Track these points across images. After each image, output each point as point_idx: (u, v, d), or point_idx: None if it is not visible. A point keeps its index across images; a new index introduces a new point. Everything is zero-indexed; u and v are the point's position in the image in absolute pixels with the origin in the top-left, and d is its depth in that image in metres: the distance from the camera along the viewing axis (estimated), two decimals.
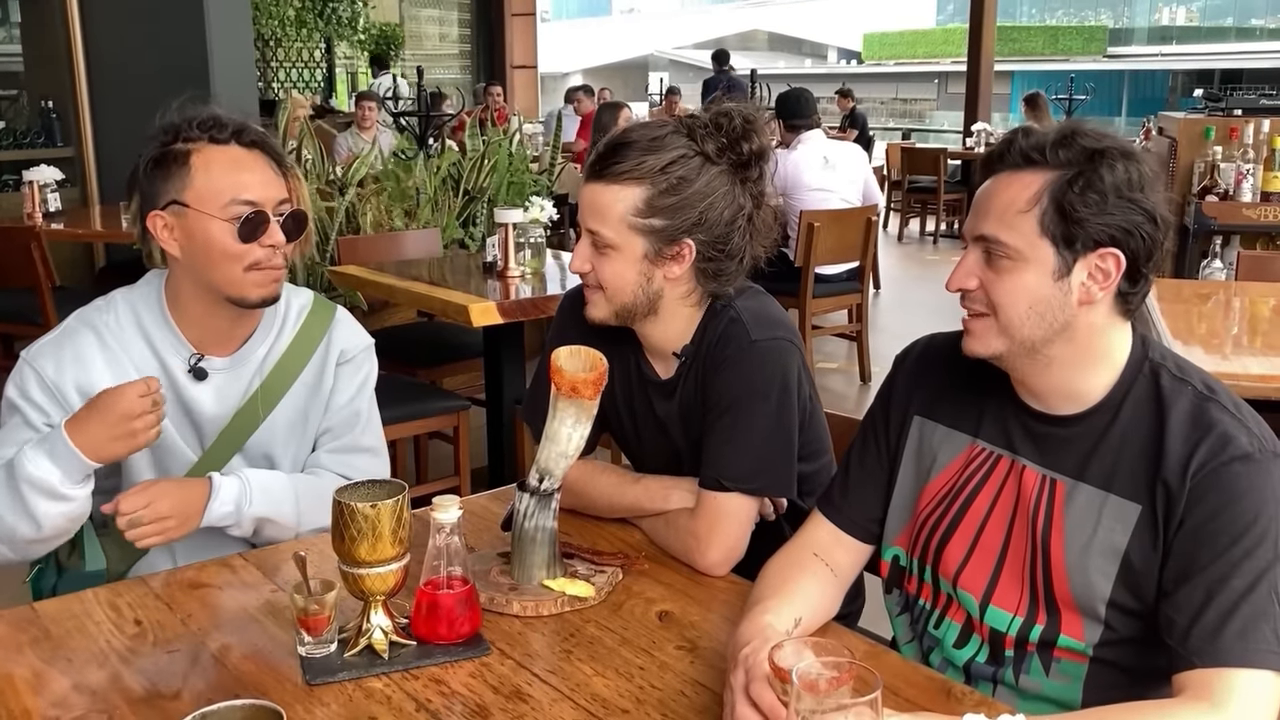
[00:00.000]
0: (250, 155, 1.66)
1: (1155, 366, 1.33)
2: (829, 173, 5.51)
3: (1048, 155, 1.28)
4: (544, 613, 1.48)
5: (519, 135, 6.06)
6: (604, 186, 1.60)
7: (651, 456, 1.83)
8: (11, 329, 4.87)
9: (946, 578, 1.44)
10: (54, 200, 5.34)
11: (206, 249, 1.63)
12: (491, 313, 3.18)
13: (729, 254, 1.64)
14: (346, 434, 1.81)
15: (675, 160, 1.58)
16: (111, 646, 1.39)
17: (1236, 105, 5.30)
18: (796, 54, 43.71)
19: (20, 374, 1.67)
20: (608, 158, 1.61)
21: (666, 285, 1.65)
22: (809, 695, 1.03)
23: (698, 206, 1.59)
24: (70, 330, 1.70)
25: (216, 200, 1.62)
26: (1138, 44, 37.91)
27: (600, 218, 1.61)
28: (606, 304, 1.67)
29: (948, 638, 1.45)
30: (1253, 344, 3.13)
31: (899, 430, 1.51)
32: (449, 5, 14.32)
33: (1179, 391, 1.30)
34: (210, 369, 1.71)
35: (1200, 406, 1.28)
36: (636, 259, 1.62)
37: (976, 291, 1.33)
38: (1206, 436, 1.25)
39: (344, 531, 1.32)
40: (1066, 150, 1.27)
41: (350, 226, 4.88)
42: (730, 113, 1.62)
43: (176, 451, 1.72)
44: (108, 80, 6.24)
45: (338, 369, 1.81)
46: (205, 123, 1.64)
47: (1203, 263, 4.42)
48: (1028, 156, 1.29)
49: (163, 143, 1.65)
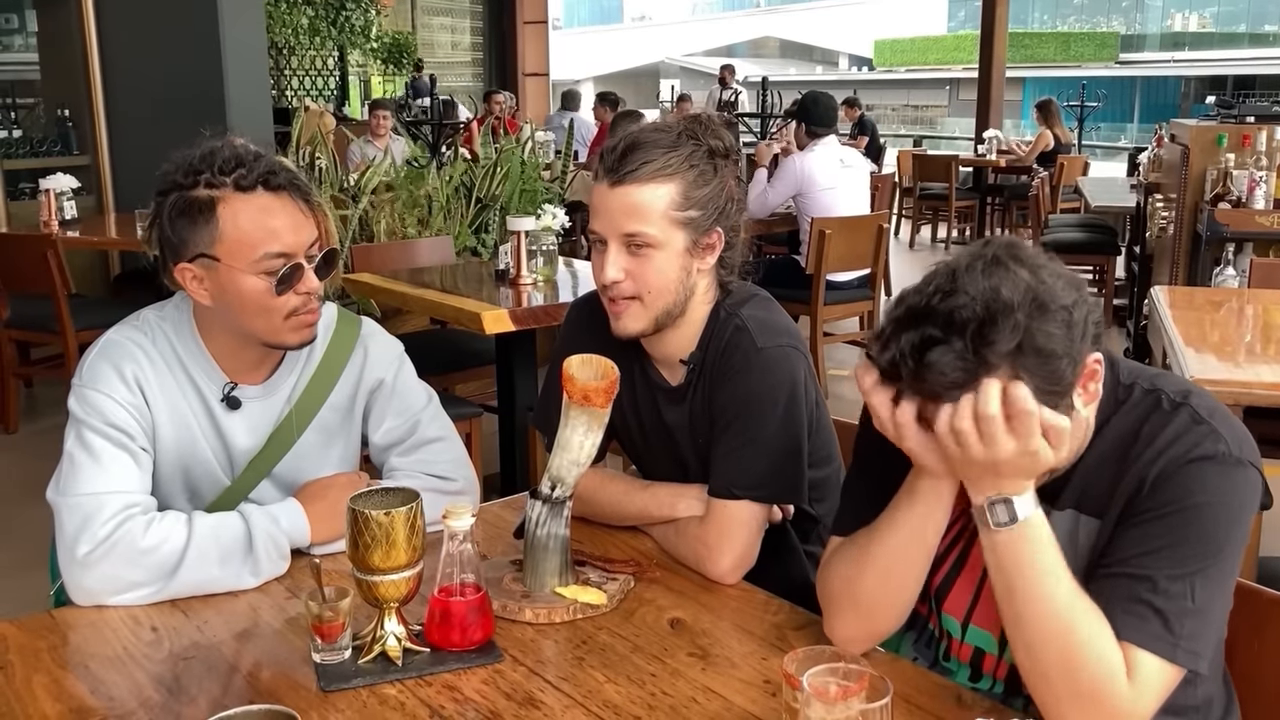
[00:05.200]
0: (278, 200, 1.61)
1: (1127, 388, 1.30)
2: (845, 172, 5.54)
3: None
4: (556, 620, 1.48)
5: (531, 143, 6.08)
6: (637, 187, 1.60)
7: (658, 463, 1.83)
8: (28, 336, 4.91)
9: (956, 618, 1.41)
10: (70, 208, 5.37)
11: (240, 302, 1.60)
12: (504, 320, 3.20)
13: (737, 241, 1.70)
14: (409, 437, 1.80)
15: (694, 154, 1.63)
16: (128, 653, 1.40)
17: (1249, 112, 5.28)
18: (808, 61, 43.73)
19: (82, 398, 1.61)
20: (630, 160, 1.60)
21: (699, 279, 1.68)
22: (819, 702, 1.03)
23: (721, 195, 1.65)
24: (113, 343, 1.66)
25: (248, 254, 1.58)
26: (1150, 50, 37.79)
27: (640, 218, 1.60)
28: (645, 312, 1.65)
29: (960, 675, 1.42)
30: (1265, 352, 3.12)
31: (903, 465, 1.48)
32: (461, 13, 14.38)
33: (1152, 403, 1.27)
34: (243, 398, 1.70)
35: (1173, 413, 1.26)
36: (679, 253, 1.63)
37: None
38: (1178, 438, 1.23)
39: (358, 539, 1.33)
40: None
41: (364, 234, 4.91)
42: (700, 116, 1.70)
43: (210, 477, 1.72)
44: (123, 89, 6.29)
45: (375, 396, 1.79)
46: (228, 165, 1.59)
47: (1215, 270, 4.41)
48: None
49: (184, 185, 1.59)
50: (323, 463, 1.76)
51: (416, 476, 1.73)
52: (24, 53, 7.34)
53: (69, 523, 1.54)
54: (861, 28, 40.94)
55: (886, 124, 27.26)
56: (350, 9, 11.82)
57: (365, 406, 1.80)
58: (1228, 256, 4.45)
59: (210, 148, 1.61)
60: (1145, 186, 6.44)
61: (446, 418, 1.85)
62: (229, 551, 1.56)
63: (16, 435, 4.88)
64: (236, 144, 1.63)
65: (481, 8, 14.35)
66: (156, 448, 1.66)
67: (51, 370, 4.96)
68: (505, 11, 13.97)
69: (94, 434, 1.59)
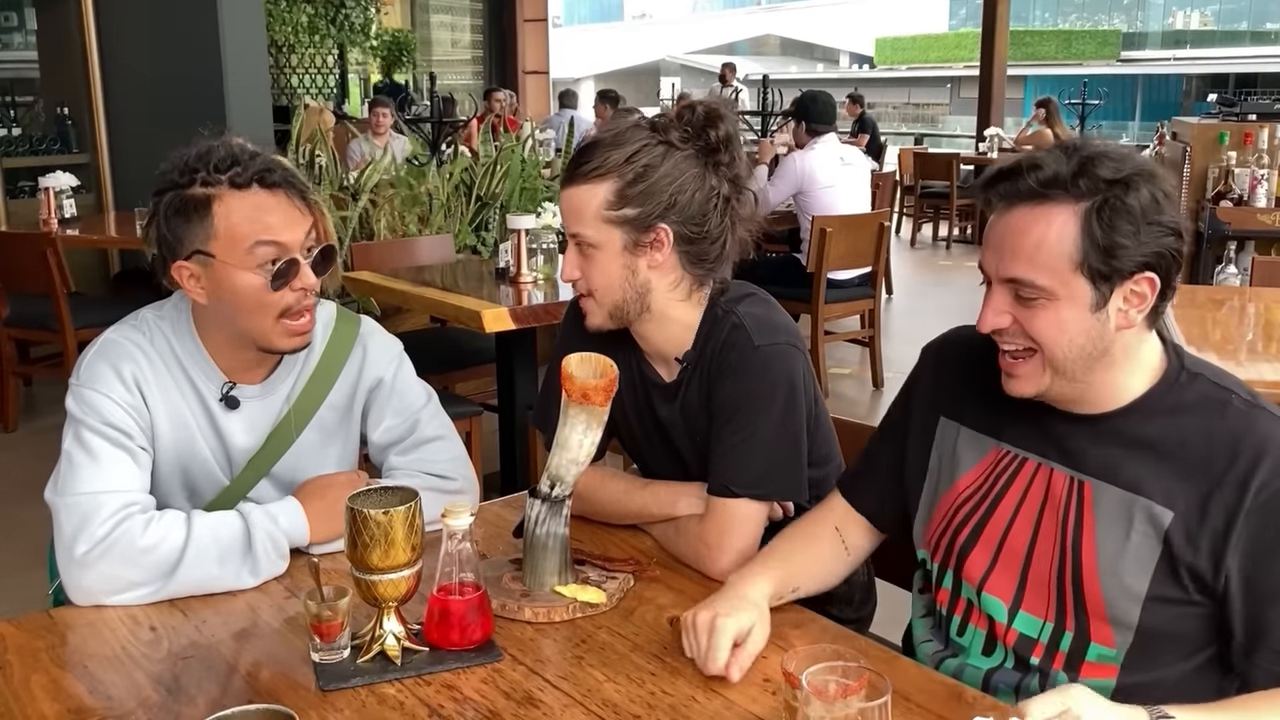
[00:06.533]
0: (274, 197, 1.60)
1: (1193, 374, 1.32)
2: (845, 170, 5.54)
3: (1069, 188, 1.24)
4: (556, 619, 1.48)
5: (531, 141, 6.08)
6: (576, 189, 1.64)
7: (656, 461, 1.84)
8: (28, 334, 4.91)
9: (971, 583, 1.43)
10: (69, 206, 5.37)
11: (235, 299, 1.60)
12: (504, 318, 3.19)
13: (708, 236, 1.66)
14: (408, 436, 1.79)
15: (638, 150, 1.62)
16: (127, 653, 1.40)
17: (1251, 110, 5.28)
18: (809, 59, 43.69)
19: (79, 398, 1.60)
20: (577, 161, 1.66)
21: (652, 275, 1.66)
22: (818, 700, 1.03)
23: (667, 190, 1.62)
24: (111, 343, 1.66)
25: (242, 250, 1.57)
26: (1151, 48, 37.77)
27: (578, 219, 1.64)
28: (599, 307, 1.69)
29: (974, 645, 1.44)
30: (1267, 350, 3.12)
31: (923, 430, 1.51)
32: (461, 11, 14.37)
33: (1223, 400, 1.29)
34: (242, 398, 1.70)
35: (1251, 416, 1.27)
36: (617, 252, 1.64)
37: (1012, 327, 1.30)
38: (1268, 446, 1.24)
39: (357, 538, 1.33)
40: (1087, 180, 1.23)
41: (364, 232, 4.91)
42: (693, 105, 1.67)
43: (209, 477, 1.71)
44: (123, 86, 6.28)
45: (374, 395, 1.79)
46: (224, 163, 1.58)
47: (1217, 268, 4.41)
48: (1044, 190, 1.25)
49: (180, 185, 1.59)
50: (322, 462, 1.76)
51: (416, 475, 1.72)
52: (23, 51, 7.35)
53: (67, 523, 1.53)
54: (863, 25, 40.89)
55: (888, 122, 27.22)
56: (350, 6, 11.81)
57: (364, 405, 1.80)
58: (1229, 255, 4.46)
59: (206, 146, 1.60)
60: None
61: (445, 416, 1.84)
62: (228, 550, 1.56)
63: (15, 434, 4.88)
64: (233, 143, 1.63)
65: (481, 5, 14.34)
66: (155, 447, 1.65)
67: (51, 369, 4.96)
68: (505, 9, 13.95)
69: (92, 434, 1.58)
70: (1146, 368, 1.33)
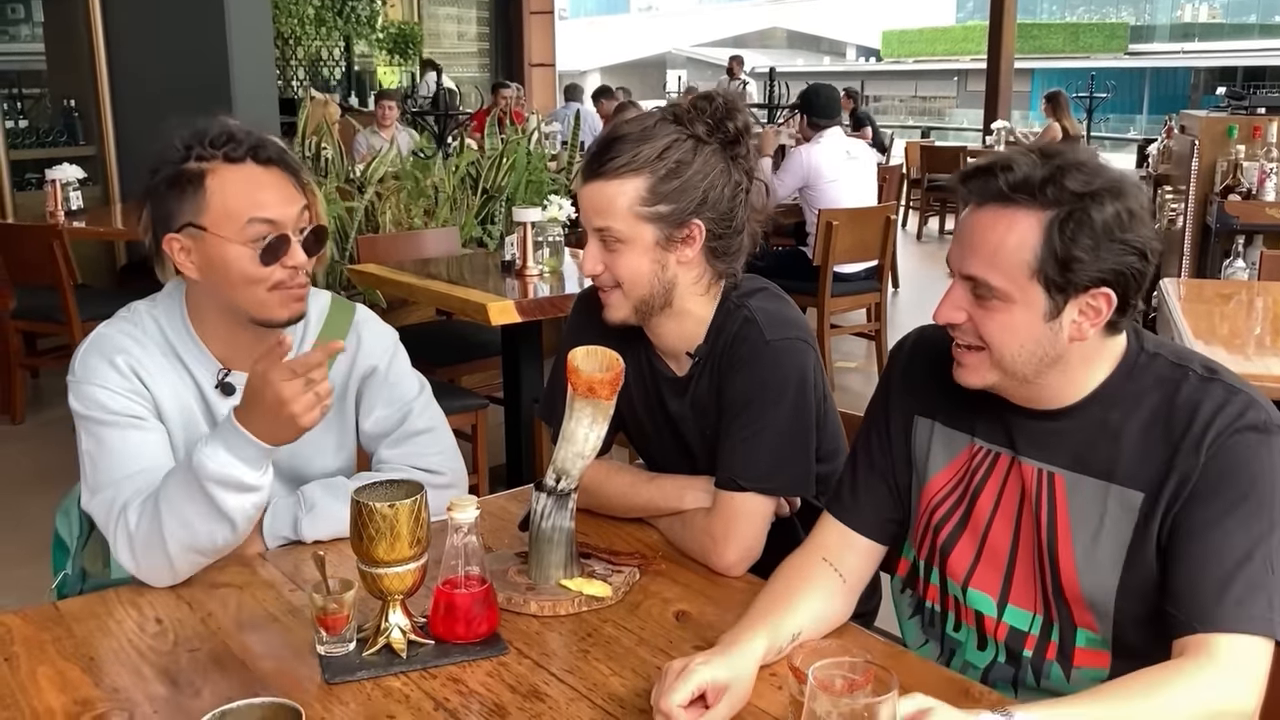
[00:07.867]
0: (268, 173, 1.61)
1: (1151, 356, 1.33)
2: (851, 163, 5.53)
3: (1035, 194, 1.24)
4: (561, 612, 1.48)
5: (537, 134, 6.07)
6: (604, 183, 1.62)
7: (664, 454, 1.83)
8: (35, 326, 4.91)
9: (956, 580, 1.43)
10: (76, 198, 5.37)
11: (226, 273, 1.59)
12: (510, 311, 3.19)
13: (735, 230, 1.67)
14: (399, 427, 1.79)
15: (670, 145, 1.61)
16: (133, 645, 1.40)
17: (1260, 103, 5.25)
18: (815, 51, 43.61)
19: (79, 395, 1.60)
20: (603, 155, 1.63)
21: (680, 271, 1.66)
22: (825, 696, 1.03)
23: (700, 186, 1.62)
24: (102, 336, 1.66)
25: (234, 223, 1.57)
26: (1159, 41, 37.64)
27: (607, 214, 1.62)
28: (625, 301, 1.67)
29: (968, 642, 1.44)
30: (1275, 344, 3.11)
31: (903, 429, 1.50)
32: (467, 3, 14.34)
33: (1181, 375, 1.30)
34: (237, 384, 1.68)
35: (1206, 387, 1.28)
36: (649, 248, 1.63)
37: (966, 324, 1.32)
38: (1222, 408, 1.26)
39: (362, 531, 1.33)
40: (1055, 189, 1.23)
41: (370, 225, 4.91)
42: (711, 95, 1.66)
43: None
44: (129, 79, 6.28)
45: (367, 383, 1.78)
46: (219, 139, 1.59)
47: (1225, 262, 4.40)
48: (1012, 193, 1.25)
49: (176, 161, 1.59)
50: (319, 448, 1.76)
51: (404, 470, 1.72)
52: (30, 43, 7.35)
53: (103, 527, 1.57)
54: (869, 18, 40.81)
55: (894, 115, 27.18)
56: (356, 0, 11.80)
57: (357, 393, 1.79)
58: (1237, 249, 4.44)
59: (202, 126, 1.61)
60: (1154, 178, 6.42)
61: (438, 408, 1.84)
62: (187, 504, 1.50)
63: (23, 426, 4.89)
64: (229, 122, 1.63)
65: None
66: (165, 424, 1.65)
67: (58, 361, 4.97)
68: (511, 2, 13.92)
69: (99, 426, 1.59)
70: (1108, 362, 1.33)
